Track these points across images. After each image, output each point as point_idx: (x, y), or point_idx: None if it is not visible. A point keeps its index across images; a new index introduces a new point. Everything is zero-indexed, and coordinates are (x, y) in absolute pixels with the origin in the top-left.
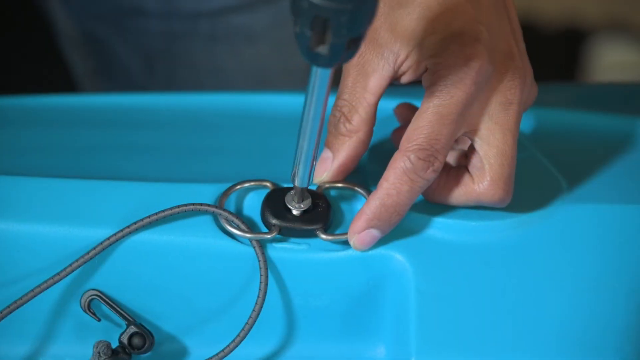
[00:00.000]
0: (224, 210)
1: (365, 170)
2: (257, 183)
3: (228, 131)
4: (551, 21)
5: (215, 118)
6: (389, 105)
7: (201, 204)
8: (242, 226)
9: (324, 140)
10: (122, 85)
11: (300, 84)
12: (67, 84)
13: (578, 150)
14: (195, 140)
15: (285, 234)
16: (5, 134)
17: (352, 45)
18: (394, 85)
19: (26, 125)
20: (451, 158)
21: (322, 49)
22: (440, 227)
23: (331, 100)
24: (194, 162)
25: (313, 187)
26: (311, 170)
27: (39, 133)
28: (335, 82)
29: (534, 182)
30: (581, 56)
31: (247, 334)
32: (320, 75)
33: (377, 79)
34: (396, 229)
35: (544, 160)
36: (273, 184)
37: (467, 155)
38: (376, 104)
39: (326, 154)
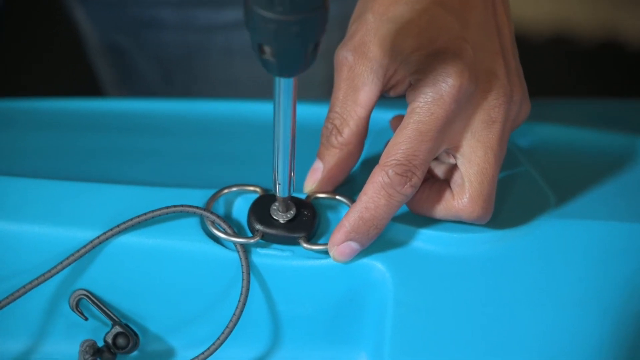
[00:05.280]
0: (211, 212)
1: (357, 182)
2: (245, 188)
3: (233, 138)
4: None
5: (223, 126)
6: (386, 116)
7: (189, 206)
8: (227, 229)
9: (308, 149)
10: (142, 94)
11: (315, 95)
12: (93, 92)
13: (573, 166)
14: (198, 146)
15: (269, 240)
16: (8, 136)
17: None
18: (384, 97)
19: (32, 127)
20: (440, 171)
21: None
22: (422, 239)
23: (324, 111)
24: (193, 167)
25: (303, 196)
26: (290, 180)
27: (42, 136)
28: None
29: (524, 197)
30: None
31: (227, 337)
32: (283, 85)
33: (367, 93)
34: (379, 239)
35: (537, 175)
36: (262, 189)
37: (451, 170)
38: (367, 117)
39: (317, 164)
